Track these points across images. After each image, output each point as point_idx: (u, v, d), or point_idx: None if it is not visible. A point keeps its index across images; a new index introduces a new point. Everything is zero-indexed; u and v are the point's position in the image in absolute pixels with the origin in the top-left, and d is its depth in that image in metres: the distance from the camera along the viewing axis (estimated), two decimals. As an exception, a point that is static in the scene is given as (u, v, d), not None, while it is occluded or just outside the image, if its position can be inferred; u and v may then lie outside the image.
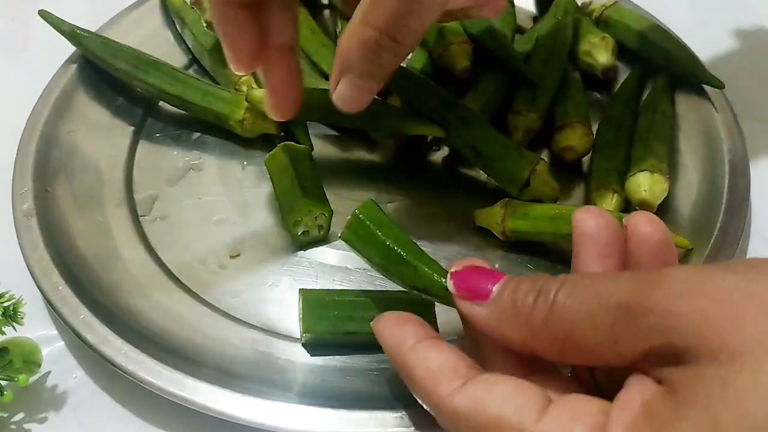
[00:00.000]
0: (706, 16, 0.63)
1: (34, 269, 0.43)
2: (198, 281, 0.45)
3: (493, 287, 0.31)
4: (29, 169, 0.48)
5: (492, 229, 0.46)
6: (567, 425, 0.27)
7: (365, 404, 0.38)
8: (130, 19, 0.58)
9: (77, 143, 0.51)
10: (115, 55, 0.53)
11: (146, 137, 0.53)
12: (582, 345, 0.28)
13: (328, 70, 0.55)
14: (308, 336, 0.41)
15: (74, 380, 0.41)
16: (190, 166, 0.52)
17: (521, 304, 0.29)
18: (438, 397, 0.30)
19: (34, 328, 0.42)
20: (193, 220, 0.48)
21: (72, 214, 0.47)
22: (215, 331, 0.43)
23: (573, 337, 0.28)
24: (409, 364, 0.32)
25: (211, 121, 0.52)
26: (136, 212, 0.49)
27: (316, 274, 0.46)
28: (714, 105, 0.52)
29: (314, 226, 0.46)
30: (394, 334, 0.33)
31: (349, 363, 0.41)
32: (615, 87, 0.55)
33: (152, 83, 0.53)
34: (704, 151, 0.51)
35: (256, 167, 0.51)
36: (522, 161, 0.47)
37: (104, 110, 0.54)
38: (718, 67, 0.54)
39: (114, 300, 0.43)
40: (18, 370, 0.39)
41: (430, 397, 0.31)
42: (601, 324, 0.27)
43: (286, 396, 0.38)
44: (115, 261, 0.45)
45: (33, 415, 0.40)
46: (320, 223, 0.46)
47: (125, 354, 0.39)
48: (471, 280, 0.32)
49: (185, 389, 0.38)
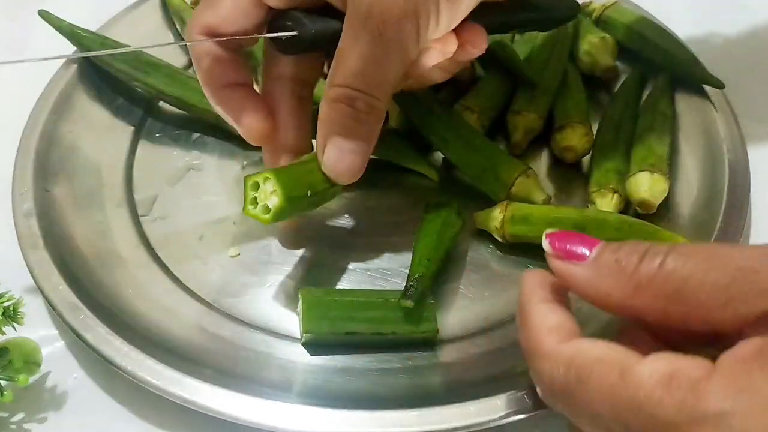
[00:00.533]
0: (706, 16, 0.63)
1: (34, 269, 0.43)
2: (198, 281, 0.45)
3: (590, 250, 0.31)
4: (29, 170, 0.48)
5: (491, 233, 0.46)
6: (670, 362, 0.27)
7: (365, 404, 0.38)
8: (130, 19, 0.58)
9: (77, 143, 0.51)
10: (115, 55, 0.53)
11: (146, 137, 0.53)
12: (690, 302, 0.28)
13: (328, 70, 0.55)
14: (308, 336, 0.41)
15: (74, 380, 0.41)
16: (190, 166, 0.52)
17: (625, 263, 0.30)
18: (543, 343, 0.30)
19: (34, 328, 0.42)
20: (193, 220, 0.48)
21: (72, 214, 0.47)
22: (215, 331, 0.43)
23: (681, 293, 0.28)
24: (530, 314, 0.32)
25: (210, 121, 0.52)
26: (137, 212, 0.49)
27: (316, 274, 0.46)
28: (714, 105, 0.52)
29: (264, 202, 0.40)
30: (532, 285, 0.33)
31: (349, 363, 0.41)
32: (615, 87, 0.55)
33: (152, 84, 0.53)
34: (704, 151, 0.50)
35: (255, 167, 0.51)
36: (508, 171, 0.47)
37: (104, 110, 0.54)
38: (718, 67, 0.54)
39: (114, 300, 0.43)
40: (18, 370, 0.39)
41: (535, 343, 0.31)
42: (717, 282, 0.27)
43: (286, 396, 0.38)
44: (115, 261, 0.45)
45: (33, 415, 0.40)
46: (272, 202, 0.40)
47: (125, 354, 0.39)
48: (567, 240, 0.32)
49: (185, 389, 0.38)
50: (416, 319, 0.41)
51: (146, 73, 0.53)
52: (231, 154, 0.52)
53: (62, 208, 0.47)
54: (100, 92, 0.54)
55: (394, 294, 0.42)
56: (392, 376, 0.41)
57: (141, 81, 0.53)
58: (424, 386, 0.40)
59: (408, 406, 0.37)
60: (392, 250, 0.47)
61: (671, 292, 0.28)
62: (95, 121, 0.53)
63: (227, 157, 0.52)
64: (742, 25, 0.63)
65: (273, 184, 0.40)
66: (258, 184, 0.40)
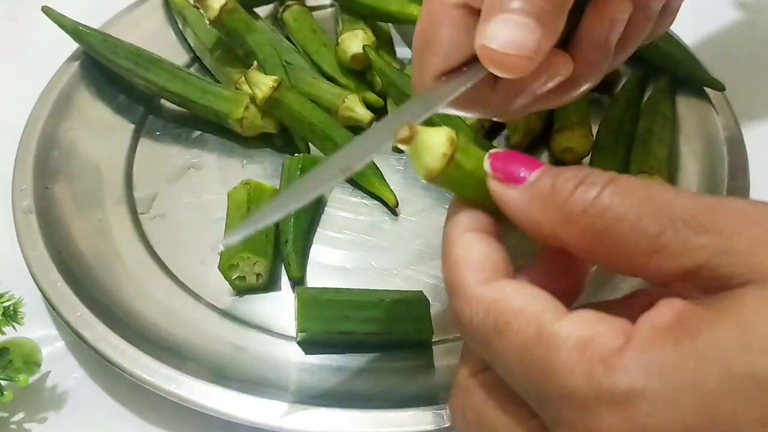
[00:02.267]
0: (707, 18, 0.63)
1: (33, 266, 0.43)
2: (196, 279, 0.45)
3: (531, 173, 0.29)
4: (29, 167, 0.48)
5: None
6: (589, 324, 0.25)
7: (360, 403, 0.38)
8: (132, 16, 0.58)
9: (78, 141, 0.51)
10: (117, 52, 0.53)
11: (147, 135, 0.53)
12: (617, 245, 0.26)
13: (328, 71, 0.55)
14: (303, 335, 0.41)
15: (74, 380, 0.42)
16: (190, 164, 0.52)
17: (559, 189, 0.27)
18: (465, 282, 0.28)
19: (34, 328, 0.42)
20: (193, 219, 0.49)
21: (72, 211, 0.47)
22: (212, 329, 0.43)
23: (610, 234, 0.26)
24: (453, 245, 0.29)
25: (211, 119, 0.53)
26: (136, 210, 0.49)
27: (313, 274, 0.46)
28: (714, 107, 0.52)
29: (251, 273, 0.44)
30: (458, 209, 0.30)
31: (344, 362, 0.41)
32: (616, 89, 0.55)
33: (153, 80, 0.53)
34: (704, 152, 0.50)
35: (255, 166, 0.51)
36: None
37: (105, 108, 0.54)
38: (718, 67, 0.54)
39: (112, 298, 0.43)
40: (18, 370, 0.39)
41: (456, 280, 0.28)
42: (646, 229, 0.25)
43: (282, 395, 0.39)
44: (114, 259, 0.46)
45: (33, 415, 0.40)
46: (258, 271, 0.44)
47: (122, 351, 0.39)
48: (509, 161, 0.29)
49: (181, 387, 0.38)
50: (411, 319, 0.42)
51: (147, 70, 0.53)
52: (231, 153, 0.52)
53: (62, 205, 0.47)
54: (101, 90, 0.54)
55: (390, 294, 0.42)
56: (387, 375, 0.41)
57: (142, 78, 0.53)
58: (419, 386, 0.41)
59: (402, 406, 0.38)
60: (388, 249, 0.47)
61: (600, 230, 0.26)
62: (96, 119, 0.53)
63: (227, 155, 0.52)
64: (742, 26, 0.62)
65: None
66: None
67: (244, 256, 0.43)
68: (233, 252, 0.43)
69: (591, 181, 0.27)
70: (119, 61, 0.53)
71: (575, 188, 0.27)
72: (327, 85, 0.53)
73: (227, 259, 0.44)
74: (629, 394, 0.23)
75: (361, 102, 0.52)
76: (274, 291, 0.45)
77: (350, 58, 0.53)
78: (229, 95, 0.52)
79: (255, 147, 0.52)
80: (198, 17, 0.56)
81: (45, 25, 0.55)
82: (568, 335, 0.25)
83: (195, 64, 0.58)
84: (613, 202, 0.26)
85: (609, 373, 0.23)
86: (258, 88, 0.49)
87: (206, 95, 0.52)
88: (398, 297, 0.42)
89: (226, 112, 0.51)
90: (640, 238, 0.26)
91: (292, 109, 0.50)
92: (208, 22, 0.53)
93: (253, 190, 0.47)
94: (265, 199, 0.47)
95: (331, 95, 0.52)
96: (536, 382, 0.25)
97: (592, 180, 0.27)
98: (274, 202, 0.30)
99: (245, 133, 0.52)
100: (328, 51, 0.56)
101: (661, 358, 0.23)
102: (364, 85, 0.54)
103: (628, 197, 0.26)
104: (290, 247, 0.45)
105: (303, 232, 0.46)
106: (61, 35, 0.54)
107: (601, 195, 0.26)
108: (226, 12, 0.52)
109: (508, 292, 0.27)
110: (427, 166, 0.29)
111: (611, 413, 0.23)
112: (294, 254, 0.45)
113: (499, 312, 0.26)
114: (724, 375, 0.22)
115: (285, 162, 0.49)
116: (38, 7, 0.55)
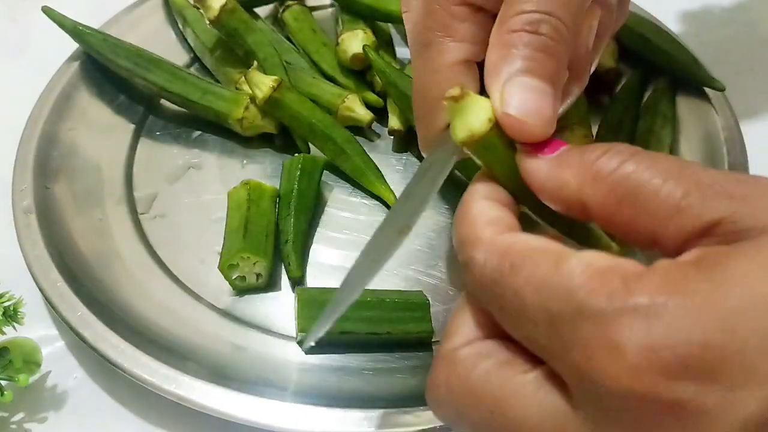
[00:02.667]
0: (707, 18, 0.63)
1: (33, 266, 0.43)
2: (196, 279, 0.45)
3: (560, 147, 0.30)
4: (30, 166, 0.48)
5: None
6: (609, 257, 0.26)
7: (360, 404, 0.38)
8: (132, 16, 0.58)
9: (78, 141, 0.51)
10: (117, 52, 0.54)
11: (147, 135, 0.53)
12: (641, 206, 0.27)
13: (328, 70, 0.55)
14: (304, 335, 0.41)
15: (74, 380, 0.42)
16: (190, 164, 0.52)
17: (589, 153, 0.29)
18: (480, 234, 0.29)
19: (34, 328, 0.42)
20: (192, 219, 0.49)
21: (71, 211, 0.47)
22: (212, 329, 0.43)
23: (635, 193, 0.27)
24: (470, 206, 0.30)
25: (211, 119, 0.53)
26: (136, 210, 0.49)
27: (313, 274, 0.46)
28: (714, 107, 0.52)
29: (251, 273, 0.44)
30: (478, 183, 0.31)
31: (344, 362, 0.41)
32: (616, 89, 0.55)
33: (153, 80, 0.53)
34: (704, 152, 0.50)
35: (255, 166, 0.51)
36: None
37: (105, 108, 0.54)
38: (718, 68, 0.54)
39: (112, 297, 0.43)
40: (18, 370, 0.39)
41: (471, 232, 0.29)
42: (670, 193, 0.27)
43: (282, 395, 0.39)
44: (114, 259, 0.46)
45: (33, 415, 0.40)
46: (258, 271, 0.44)
47: (122, 351, 0.39)
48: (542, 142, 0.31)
49: (181, 387, 0.38)
50: (411, 319, 0.42)
51: (147, 70, 0.53)
52: (231, 153, 0.52)
53: (62, 205, 0.47)
54: (101, 90, 0.54)
55: (390, 294, 0.42)
56: (387, 375, 0.41)
57: (142, 77, 0.53)
58: (419, 386, 0.40)
59: (403, 406, 0.38)
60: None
61: (625, 192, 0.27)
62: (96, 119, 0.53)
63: (227, 155, 0.52)
64: (742, 26, 0.63)
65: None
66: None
67: (244, 256, 0.43)
68: (233, 252, 0.44)
69: (618, 150, 0.28)
70: (119, 61, 0.53)
71: (603, 154, 0.28)
72: (327, 85, 0.53)
73: (227, 259, 0.44)
74: (650, 307, 0.24)
75: (361, 102, 0.52)
76: (274, 291, 0.45)
77: (350, 58, 0.53)
78: (229, 95, 0.52)
79: (255, 147, 0.52)
80: (198, 17, 0.56)
81: (45, 25, 0.55)
82: (588, 265, 0.25)
83: (195, 64, 0.58)
84: (640, 167, 0.28)
85: (630, 290, 0.24)
86: (258, 88, 0.49)
87: (206, 95, 0.52)
88: (398, 297, 0.43)
89: (226, 112, 0.51)
90: (665, 198, 0.27)
91: (292, 109, 0.50)
92: (208, 22, 0.53)
93: (253, 190, 0.47)
94: (265, 199, 0.47)
95: (331, 95, 0.52)
96: (551, 309, 0.25)
97: (619, 149, 0.28)
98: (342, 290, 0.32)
99: (245, 133, 0.52)
100: (328, 51, 0.56)
101: (684, 279, 0.24)
102: (364, 85, 0.54)
103: (655, 165, 0.28)
104: (290, 247, 0.45)
105: (303, 232, 0.46)
106: (61, 35, 0.54)
107: (628, 161, 0.28)
108: (226, 12, 0.52)
109: (524, 237, 0.28)
110: (470, 128, 0.30)
111: (630, 325, 0.24)
112: (294, 254, 0.45)
113: (515, 253, 0.27)
114: (748, 295, 0.23)
115: (285, 162, 0.49)
116: (38, 7, 0.55)
